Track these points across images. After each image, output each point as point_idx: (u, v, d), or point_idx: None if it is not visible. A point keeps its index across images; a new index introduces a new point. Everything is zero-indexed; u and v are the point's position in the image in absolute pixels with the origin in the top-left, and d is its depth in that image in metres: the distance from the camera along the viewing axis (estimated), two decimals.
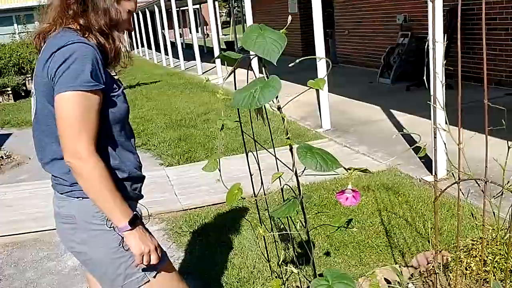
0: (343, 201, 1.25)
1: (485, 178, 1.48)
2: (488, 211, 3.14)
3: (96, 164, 1.47)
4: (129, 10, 1.64)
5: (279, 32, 1.32)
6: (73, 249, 1.68)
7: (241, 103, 1.29)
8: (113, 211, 1.51)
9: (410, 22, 8.99)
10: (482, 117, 1.64)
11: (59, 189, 1.63)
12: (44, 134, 1.60)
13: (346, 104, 7.41)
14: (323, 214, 3.72)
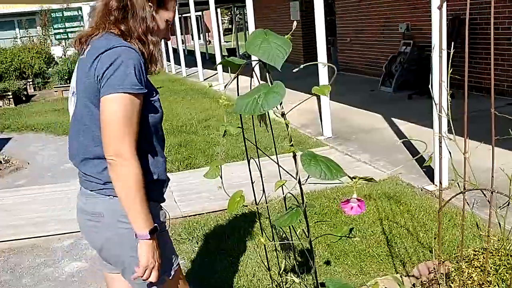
0: (348, 210, 1.22)
1: (491, 188, 1.45)
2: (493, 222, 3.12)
3: (136, 167, 1.52)
4: (166, 20, 1.71)
5: (283, 37, 1.30)
6: (96, 246, 1.72)
7: (244, 109, 1.27)
8: (139, 216, 1.54)
9: (412, 31, 8.99)
10: (485, 126, 1.62)
11: (90, 186, 1.65)
12: (80, 133, 1.64)
13: (347, 112, 7.40)
14: (323, 223, 3.68)
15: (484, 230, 3.09)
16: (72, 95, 1.68)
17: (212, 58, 21.68)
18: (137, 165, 1.52)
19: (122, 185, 1.52)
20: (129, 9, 1.62)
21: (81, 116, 1.62)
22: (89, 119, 1.59)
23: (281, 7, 15.08)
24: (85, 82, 1.57)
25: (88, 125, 1.60)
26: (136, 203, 1.53)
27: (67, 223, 4.15)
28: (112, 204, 1.62)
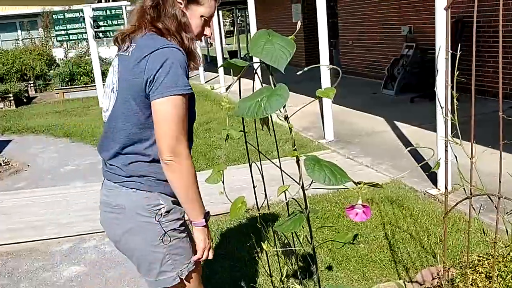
0: (353, 217, 1.18)
1: (498, 194, 1.41)
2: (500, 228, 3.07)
3: (191, 164, 1.59)
4: (201, 15, 1.71)
5: (287, 38, 1.26)
6: (115, 238, 1.75)
7: (246, 112, 1.23)
8: (195, 207, 1.65)
9: (415, 34, 8.95)
10: (489, 130, 1.58)
11: (114, 178, 1.70)
12: (116, 130, 1.67)
13: (349, 115, 7.36)
14: (325, 228, 3.64)
15: (490, 236, 3.05)
16: (111, 91, 1.70)
17: (213, 60, 21.66)
18: (192, 162, 1.60)
19: (181, 182, 1.59)
20: (161, 6, 1.64)
21: (119, 112, 1.65)
22: (127, 116, 1.63)
23: (283, 10, 15.06)
24: (130, 80, 1.60)
25: (125, 123, 1.64)
26: (193, 197, 1.62)
27: (66, 227, 4.11)
28: (135, 196, 1.66)
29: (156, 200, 1.67)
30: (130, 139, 1.64)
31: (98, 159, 6.79)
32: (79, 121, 9.17)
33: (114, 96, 1.68)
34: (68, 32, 10.74)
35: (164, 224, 1.67)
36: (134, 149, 1.65)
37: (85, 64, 13.65)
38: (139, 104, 1.60)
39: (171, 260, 1.70)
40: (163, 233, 1.67)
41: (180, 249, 1.72)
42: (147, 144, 1.65)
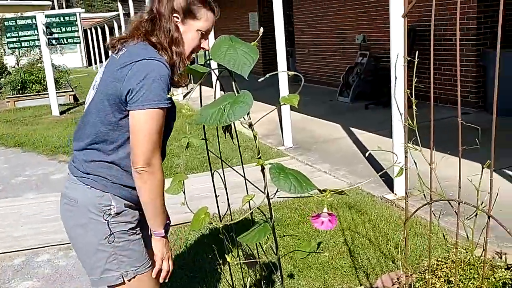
0: (319, 225, 1.17)
1: (458, 199, 1.43)
2: (453, 231, 3.14)
3: (162, 177, 1.64)
4: (198, 29, 1.73)
5: (250, 44, 1.24)
6: (67, 228, 1.78)
7: (209, 120, 1.20)
8: (157, 218, 1.69)
9: (369, 42, 9.15)
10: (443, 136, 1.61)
11: (75, 172, 1.73)
12: (89, 124, 1.69)
13: (307, 122, 7.42)
14: (286, 234, 3.63)
15: (450, 241, 3.12)
16: (92, 87, 1.74)
17: None
18: (162, 173, 1.64)
19: (150, 192, 1.62)
20: (156, 21, 1.68)
21: (94, 110, 1.67)
22: (99, 114, 1.65)
23: (240, 18, 15.11)
24: (109, 82, 1.63)
25: (96, 121, 1.66)
26: (157, 208, 1.66)
27: (18, 240, 3.94)
28: (89, 193, 1.68)
29: (108, 200, 1.69)
30: (98, 136, 1.67)
31: (51, 169, 6.56)
32: (31, 130, 8.86)
33: (93, 92, 1.71)
34: (20, 39, 10.39)
35: (112, 224, 1.70)
36: (99, 148, 1.68)
37: (38, 71, 13.23)
38: (112, 106, 1.62)
39: (116, 260, 1.71)
40: (109, 233, 1.69)
41: (129, 251, 1.73)
42: (112, 146, 1.67)
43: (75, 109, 11.36)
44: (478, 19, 6.81)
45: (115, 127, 1.65)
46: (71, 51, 28.87)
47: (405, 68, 1.62)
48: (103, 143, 1.68)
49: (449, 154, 1.94)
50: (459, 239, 2.25)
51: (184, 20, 1.70)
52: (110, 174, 1.69)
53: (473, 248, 1.67)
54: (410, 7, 1.59)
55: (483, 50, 6.83)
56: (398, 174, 1.39)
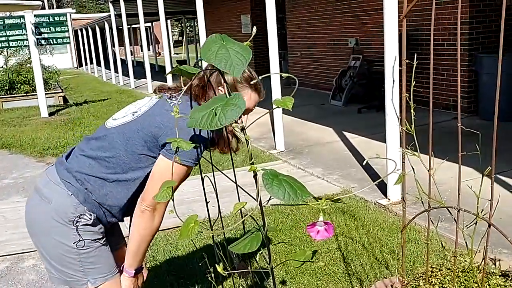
0: (314, 235, 1.11)
1: (458, 207, 1.38)
2: (449, 238, 3.08)
3: (159, 222, 1.69)
4: None
5: (243, 44, 1.18)
6: (27, 214, 1.78)
7: (199, 123, 1.14)
8: (135, 257, 1.74)
9: (361, 46, 9.13)
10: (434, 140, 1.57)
11: (62, 174, 1.71)
12: (110, 142, 1.70)
13: (300, 126, 7.37)
14: (278, 240, 3.57)
15: (447, 248, 3.07)
16: (132, 113, 1.74)
17: (161, 69, 21.37)
18: (160, 220, 1.69)
19: (142, 230, 1.68)
20: (206, 88, 1.70)
21: (125, 135, 1.68)
22: (126, 140, 1.67)
23: (232, 20, 15.06)
24: (153, 122, 1.66)
25: (120, 144, 1.68)
26: (141, 248, 1.72)
27: (3, 245, 3.84)
28: (66, 199, 1.67)
29: (83, 212, 1.69)
30: (114, 156, 1.68)
31: (39, 172, 6.42)
32: (19, 131, 8.73)
33: (131, 118, 1.72)
34: (8, 38, 10.24)
35: (81, 231, 1.69)
36: (108, 166, 1.69)
37: (26, 72, 13.07)
38: (146, 142, 1.66)
39: (82, 268, 1.72)
40: (78, 239, 1.69)
41: (96, 258, 1.74)
42: (121, 171, 1.69)
43: (64, 110, 11.22)
44: (470, 24, 6.81)
45: (135, 158, 1.68)
46: (61, 52, 28.70)
47: (403, 71, 1.56)
48: (114, 165, 1.69)
49: (446, 160, 1.89)
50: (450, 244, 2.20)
51: (221, 84, 1.71)
52: (99, 192, 1.70)
53: (472, 256, 1.62)
54: (409, 8, 1.53)
55: (475, 55, 6.82)
56: (397, 182, 1.33)
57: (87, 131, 8.26)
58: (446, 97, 7.33)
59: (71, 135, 8.00)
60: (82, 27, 26.82)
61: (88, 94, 14.40)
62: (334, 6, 9.84)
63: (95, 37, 23.28)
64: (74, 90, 16.11)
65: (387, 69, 3.86)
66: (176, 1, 17.05)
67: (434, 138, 1.65)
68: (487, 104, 6.59)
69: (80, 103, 12.21)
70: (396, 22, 3.83)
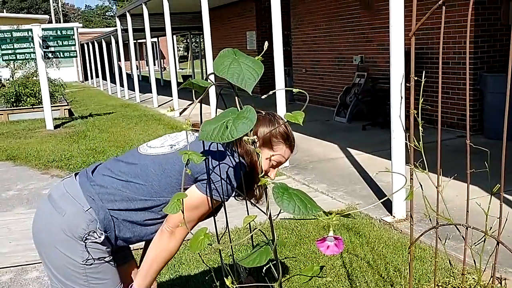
0: (324, 250, 1.11)
1: (466, 224, 1.37)
2: (453, 255, 3.05)
3: (177, 247, 1.71)
4: (270, 158, 1.76)
5: (254, 58, 1.19)
6: (36, 223, 1.76)
7: (211, 135, 1.14)
8: (146, 278, 1.75)
9: (366, 63, 9.17)
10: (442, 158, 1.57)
11: (87, 189, 1.70)
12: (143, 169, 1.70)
13: (304, 141, 7.38)
14: (283, 255, 3.55)
15: (456, 266, 3.05)
16: (170, 146, 1.76)
17: (167, 84, 21.50)
18: (179, 245, 1.71)
19: (157, 251, 1.70)
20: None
21: (161, 165, 1.69)
22: (163, 173, 1.68)
23: (238, 37, 15.18)
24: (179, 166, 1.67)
25: (155, 174, 1.68)
26: (152, 268, 1.73)
27: (7, 256, 3.83)
28: (82, 215, 1.65)
29: (94, 229, 1.67)
30: (144, 186, 1.69)
31: (43, 184, 6.42)
32: (24, 143, 8.77)
33: (169, 150, 1.74)
34: (16, 51, 10.34)
35: (89, 248, 1.68)
36: (136, 195, 1.69)
37: (33, 84, 13.17)
38: (180, 174, 1.66)
39: (87, 283, 1.71)
40: (86, 257, 1.68)
41: (102, 274, 1.73)
42: (146, 203, 1.69)
43: (69, 123, 11.28)
44: (475, 43, 6.84)
45: (167, 189, 1.68)
46: (67, 65, 28.94)
47: (411, 88, 1.57)
48: (144, 192, 1.69)
49: (453, 178, 1.89)
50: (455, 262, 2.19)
51: (261, 147, 1.72)
52: (121, 213, 1.70)
53: (481, 274, 1.61)
54: (418, 26, 1.55)
55: (480, 74, 6.85)
56: (408, 197, 1.33)
57: (91, 144, 8.29)
58: (451, 115, 7.34)
59: (76, 148, 8.03)
60: (88, 41, 27.07)
61: (93, 108, 14.47)
62: (339, 24, 9.92)
63: (101, 51, 23.47)
64: (80, 104, 16.20)
65: (393, 85, 3.87)
66: (182, 17, 17.22)
67: (435, 157, 1.66)
68: (491, 123, 6.59)
69: (85, 116, 12.27)
70: (402, 39, 3.85)
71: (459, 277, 2.21)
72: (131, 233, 1.74)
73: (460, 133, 6.96)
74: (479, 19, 6.78)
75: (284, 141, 1.77)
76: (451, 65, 7.16)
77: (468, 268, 2.61)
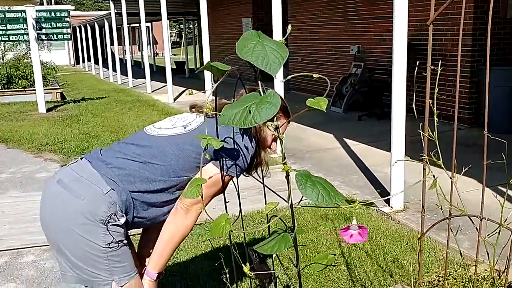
0: (348, 239, 1.09)
1: (480, 215, 1.36)
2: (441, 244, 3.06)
3: (192, 224, 1.72)
4: (273, 134, 1.80)
5: (279, 41, 1.16)
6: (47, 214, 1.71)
7: (232, 120, 1.11)
8: (161, 259, 1.76)
9: (363, 53, 9.15)
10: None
11: (106, 172, 1.67)
12: (160, 150, 1.71)
13: (300, 131, 7.36)
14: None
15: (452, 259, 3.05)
16: (183, 126, 1.77)
17: (159, 70, 21.33)
18: (194, 223, 1.72)
19: (174, 230, 1.71)
20: None
21: (178, 145, 1.71)
22: (180, 153, 1.70)
23: (233, 23, 15.06)
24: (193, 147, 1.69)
25: (172, 153, 1.70)
26: (168, 249, 1.74)
27: (1, 239, 3.79)
28: (103, 197, 1.62)
29: (115, 212, 1.64)
30: (163, 165, 1.69)
31: (36, 167, 6.33)
32: (17, 126, 8.66)
33: (183, 131, 1.75)
34: (8, 32, 10.18)
35: (111, 231, 1.66)
36: (155, 175, 1.69)
37: (24, 67, 12.99)
38: (197, 153, 1.69)
39: (109, 266, 1.69)
40: (111, 240, 1.65)
41: (122, 257, 1.72)
42: (166, 183, 1.70)
43: (62, 106, 11.16)
44: (473, 36, 6.84)
45: (185, 167, 1.70)
46: (58, 49, 28.60)
47: (428, 78, 1.55)
48: (162, 171, 1.70)
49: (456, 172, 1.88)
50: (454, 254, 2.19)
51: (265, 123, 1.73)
52: (140, 194, 1.69)
53: (493, 266, 1.60)
54: (437, 15, 1.52)
55: (477, 67, 6.85)
56: (432, 187, 1.31)
57: (85, 128, 8.21)
58: (446, 107, 7.35)
59: (69, 132, 7.95)
60: (80, 24, 26.75)
61: (85, 92, 14.33)
62: (337, 13, 9.87)
63: (94, 35, 23.21)
64: (72, 87, 16.03)
65: (395, 76, 3.86)
66: (176, 2, 17.05)
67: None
68: (489, 116, 6.61)
69: (78, 100, 12.15)
70: (405, 29, 3.82)
71: (468, 268, 2.22)
72: (147, 214, 1.74)
73: (459, 126, 6.98)
74: (477, 12, 6.76)
75: (284, 114, 1.84)
76: (449, 57, 7.16)
77: (467, 260, 2.61)
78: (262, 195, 1.76)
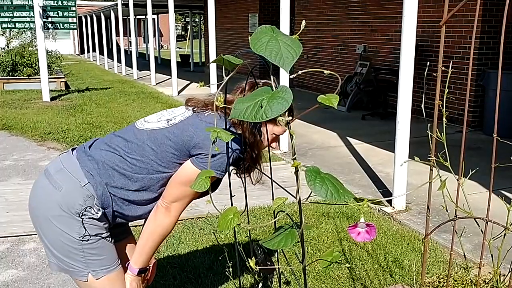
0: (355, 236, 1.09)
1: (486, 218, 1.36)
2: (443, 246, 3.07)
3: (173, 223, 1.71)
4: (274, 133, 1.79)
5: (292, 37, 1.16)
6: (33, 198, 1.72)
7: (243, 114, 1.11)
8: (142, 256, 1.75)
9: (369, 53, 9.13)
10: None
11: (85, 165, 1.67)
12: (140, 144, 1.69)
13: (303, 128, 7.36)
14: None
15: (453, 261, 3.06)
16: (167, 120, 1.72)
17: (164, 62, 21.32)
18: (175, 222, 1.71)
19: (152, 227, 1.70)
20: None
21: (157, 140, 1.67)
22: (159, 148, 1.67)
23: (239, 18, 15.03)
24: (187, 132, 1.65)
25: (150, 149, 1.67)
26: (147, 245, 1.73)
27: (3, 226, 3.80)
28: (80, 190, 1.63)
29: (91, 205, 1.65)
30: (142, 160, 1.68)
31: (39, 155, 6.36)
32: (20, 113, 8.67)
33: (165, 125, 1.71)
34: (14, 19, 10.17)
35: (86, 224, 1.66)
36: (133, 169, 1.68)
37: (29, 55, 12.99)
38: (176, 150, 1.66)
39: (84, 259, 1.68)
40: (83, 233, 1.65)
41: (99, 250, 1.71)
42: (144, 178, 1.68)
43: (66, 96, 11.16)
44: (481, 39, 6.82)
45: (163, 163, 1.67)
46: (63, 38, 28.57)
47: (438, 79, 1.54)
48: (141, 167, 1.68)
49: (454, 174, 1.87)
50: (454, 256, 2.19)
51: (265, 123, 1.72)
52: (119, 189, 1.68)
53: (497, 269, 1.60)
54: (450, 15, 1.52)
55: (484, 70, 6.83)
56: (440, 188, 1.31)
57: (89, 118, 8.21)
58: (451, 110, 7.33)
59: (73, 121, 7.95)
60: (86, 14, 26.72)
61: (90, 82, 14.33)
62: (344, 11, 9.84)
63: (100, 25, 23.18)
64: (76, 77, 16.03)
65: (402, 76, 3.85)
66: None
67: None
68: (492, 119, 6.60)
69: (82, 90, 12.15)
70: (414, 29, 3.81)
71: (459, 271, 2.22)
72: (128, 211, 1.72)
73: (460, 128, 6.96)
74: (486, 15, 6.74)
75: (288, 112, 1.79)
76: (455, 59, 7.14)
77: (460, 261, 2.61)
78: (263, 190, 1.77)
